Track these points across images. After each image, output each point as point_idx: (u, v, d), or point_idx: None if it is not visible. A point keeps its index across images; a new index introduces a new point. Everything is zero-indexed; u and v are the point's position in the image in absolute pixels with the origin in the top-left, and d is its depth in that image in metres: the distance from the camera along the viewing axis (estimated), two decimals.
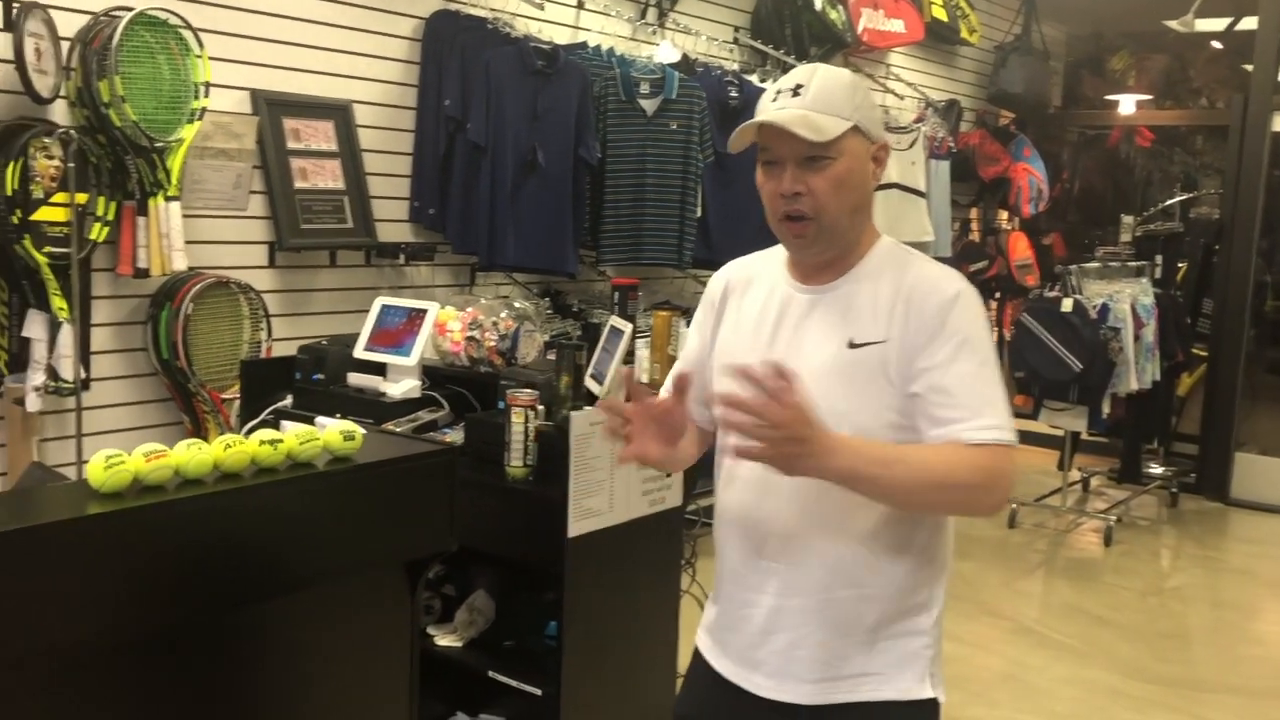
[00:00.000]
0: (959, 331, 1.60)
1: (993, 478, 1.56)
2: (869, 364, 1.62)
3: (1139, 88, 8.80)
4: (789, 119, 1.60)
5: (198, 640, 1.73)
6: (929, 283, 1.64)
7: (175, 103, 3.20)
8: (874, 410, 1.62)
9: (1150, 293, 6.19)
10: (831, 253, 1.68)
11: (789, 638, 1.68)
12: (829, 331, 1.66)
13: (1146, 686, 4.04)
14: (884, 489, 1.56)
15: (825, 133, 1.59)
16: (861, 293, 1.66)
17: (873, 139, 1.66)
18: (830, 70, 1.67)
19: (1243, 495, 6.71)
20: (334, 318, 3.86)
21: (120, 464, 1.66)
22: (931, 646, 1.71)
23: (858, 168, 1.64)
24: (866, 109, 1.65)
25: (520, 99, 4.02)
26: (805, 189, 1.61)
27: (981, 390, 1.59)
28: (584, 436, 2.54)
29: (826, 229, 1.64)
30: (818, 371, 1.62)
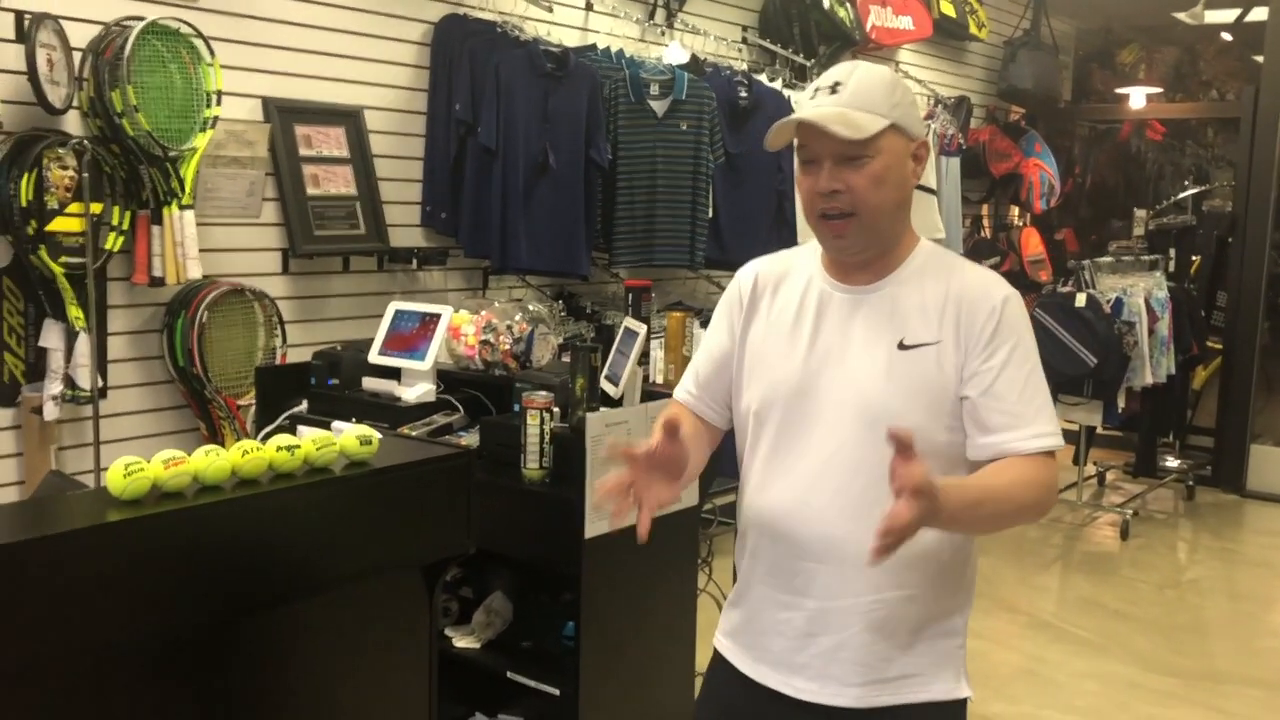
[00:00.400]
0: (1011, 336, 1.61)
1: (1049, 490, 1.60)
2: (921, 365, 1.61)
3: (1149, 81, 8.77)
4: (826, 116, 1.58)
5: (215, 646, 1.74)
6: (980, 287, 1.64)
7: (188, 111, 3.22)
8: (928, 412, 1.61)
9: (1164, 286, 6.17)
10: (871, 251, 1.66)
11: (834, 640, 1.66)
12: (877, 332, 1.64)
13: (1165, 679, 4.03)
14: (976, 527, 1.62)
15: (862, 130, 1.58)
16: (908, 294, 1.65)
17: (912, 137, 1.64)
18: (870, 68, 1.65)
19: (1259, 487, 6.68)
20: (347, 323, 3.87)
21: (139, 471, 1.67)
22: (964, 646, 1.72)
23: (896, 165, 1.62)
24: (905, 106, 1.63)
25: (531, 102, 4.03)
26: (843, 186, 1.60)
27: (1032, 396, 1.60)
28: (599, 438, 2.55)
29: (867, 226, 1.62)
30: (868, 372, 1.62)
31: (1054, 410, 1.64)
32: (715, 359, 1.82)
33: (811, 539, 1.66)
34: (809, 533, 1.66)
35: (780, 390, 1.69)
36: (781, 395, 1.69)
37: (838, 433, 1.63)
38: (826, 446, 1.64)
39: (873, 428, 1.58)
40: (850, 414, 1.62)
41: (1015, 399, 1.58)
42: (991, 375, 1.59)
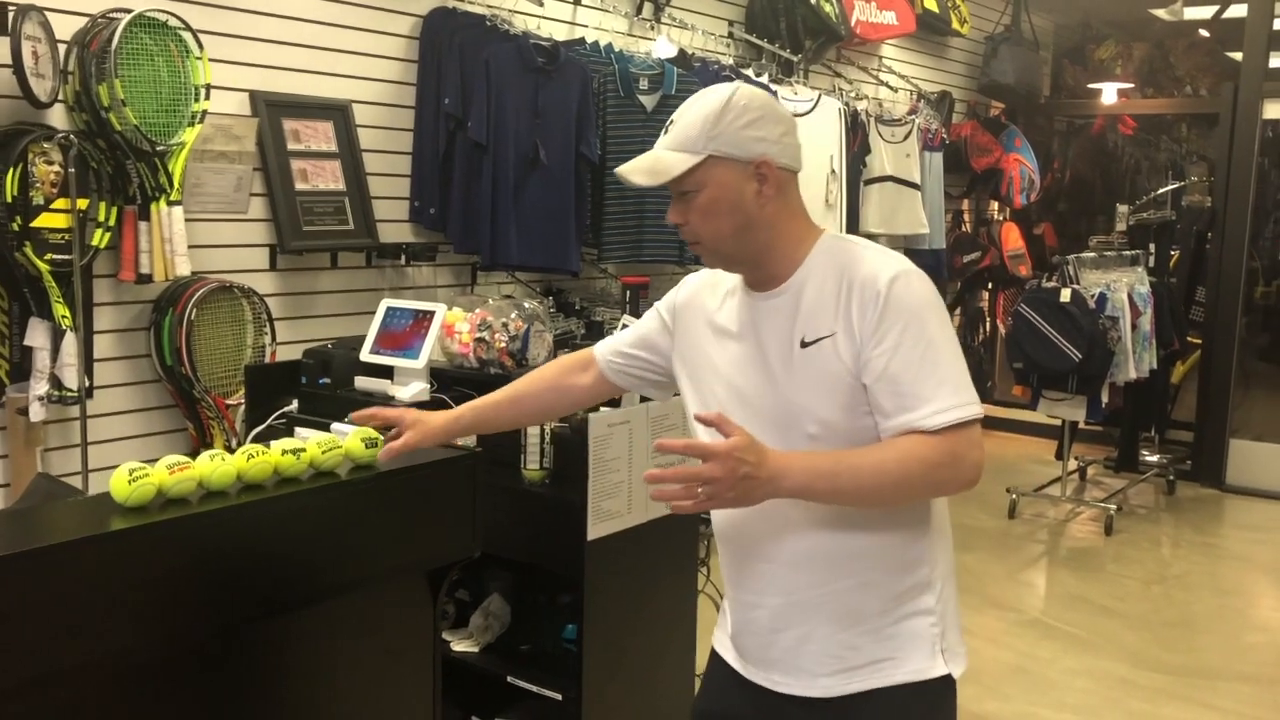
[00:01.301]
0: (901, 315, 1.60)
1: (953, 457, 1.57)
2: (821, 359, 1.65)
3: (1126, 76, 8.82)
4: (630, 168, 1.69)
5: (219, 654, 1.71)
6: (869, 270, 1.65)
7: (176, 106, 3.15)
8: (837, 404, 1.63)
9: (1146, 281, 6.20)
10: (741, 267, 1.74)
11: (797, 634, 1.71)
12: (783, 334, 1.69)
13: (1155, 676, 4.05)
14: (841, 497, 1.60)
15: (661, 175, 1.65)
16: (808, 292, 1.69)
17: (745, 161, 1.65)
18: (701, 101, 1.67)
19: (1238, 481, 6.74)
20: (336, 320, 3.82)
21: (145, 477, 1.63)
22: (939, 623, 1.72)
23: (725, 195, 1.66)
24: (733, 133, 1.64)
25: (521, 96, 3.99)
26: (683, 220, 1.69)
27: (931, 373, 1.59)
28: (602, 438, 2.52)
29: (711, 250, 1.71)
30: (778, 374, 1.68)
31: (963, 380, 1.61)
32: (644, 339, 1.95)
33: (757, 540, 1.73)
34: (753, 534, 1.73)
35: (712, 397, 1.77)
36: (711, 400, 1.77)
37: (763, 435, 1.63)
38: None
39: (790, 428, 1.66)
40: (769, 416, 1.68)
41: (911, 380, 1.59)
42: (884, 360, 1.60)
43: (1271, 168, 7.92)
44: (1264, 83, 6.66)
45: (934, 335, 1.61)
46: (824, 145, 5.39)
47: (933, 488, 1.63)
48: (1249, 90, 6.69)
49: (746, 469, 1.49)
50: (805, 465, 1.57)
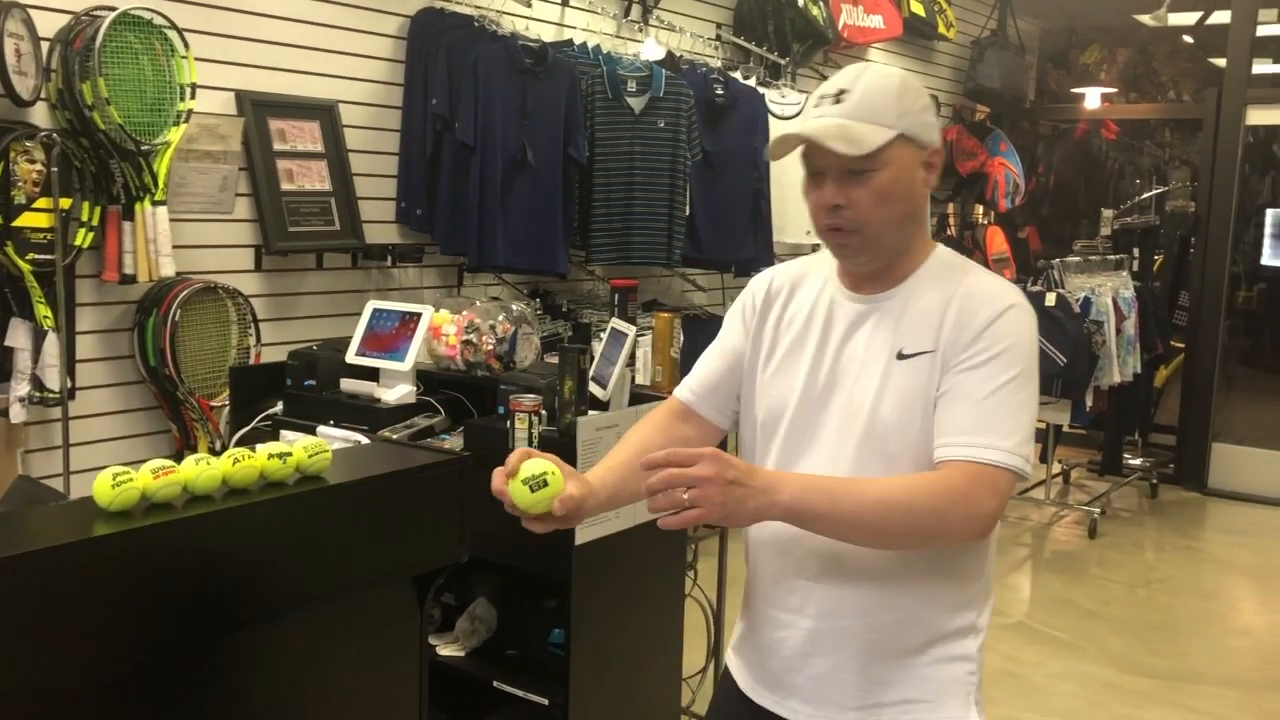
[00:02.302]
0: (997, 344, 1.50)
1: (964, 494, 1.45)
2: (917, 375, 1.54)
3: (1109, 81, 8.85)
4: (823, 131, 1.51)
5: (204, 662, 1.68)
6: (983, 293, 1.55)
7: (161, 105, 3.13)
8: (923, 423, 1.53)
9: (1130, 285, 6.23)
10: (879, 263, 1.60)
11: (829, 662, 1.61)
12: (880, 342, 1.58)
13: (1141, 680, 4.06)
14: (838, 521, 1.45)
15: (863, 145, 1.50)
16: (915, 302, 1.59)
17: (923, 145, 1.57)
18: (878, 73, 1.58)
19: (1220, 485, 6.78)
20: (321, 321, 3.79)
21: (128, 481, 1.60)
22: (976, 673, 1.64)
23: (904, 178, 1.55)
24: (916, 113, 1.55)
25: (509, 97, 3.97)
26: (846, 202, 1.53)
27: (995, 407, 1.48)
28: (591, 442, 2.50)
29: (871, 241, 1.56)
30: (867, 385, 1.57)
31: (1025, 434, 1.48)
32: (726, 359, 1.77)
33: (809, 556, 1.60)
34: (806, 550, 1.59)
35: (785, 403, 1.65)
36: (787, 408, 1.65)
37: (837, 448, 1.58)
38: (826, 462, 1.59)
39: (870, 444, 1.55)
40: (849, 429, 1.58)
41: (974, 406, 1.48)
42: (959, 375, 1.50)
43: (1253, 173, 7.96)
44: (1247, 89, 6.70)
45: (1025, 376, 1.51)
46: None
47: (937, 526, 1.47)
48: (1232, 96, 6.72)
49: (734, 474, 1.38)
50: (802, 481, 1.47)
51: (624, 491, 1.64)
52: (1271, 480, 6.66)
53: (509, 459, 1.52)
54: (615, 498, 1.63)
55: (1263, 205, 8.65)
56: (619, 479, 1.64)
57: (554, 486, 1.50)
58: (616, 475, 1.64)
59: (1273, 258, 8.70)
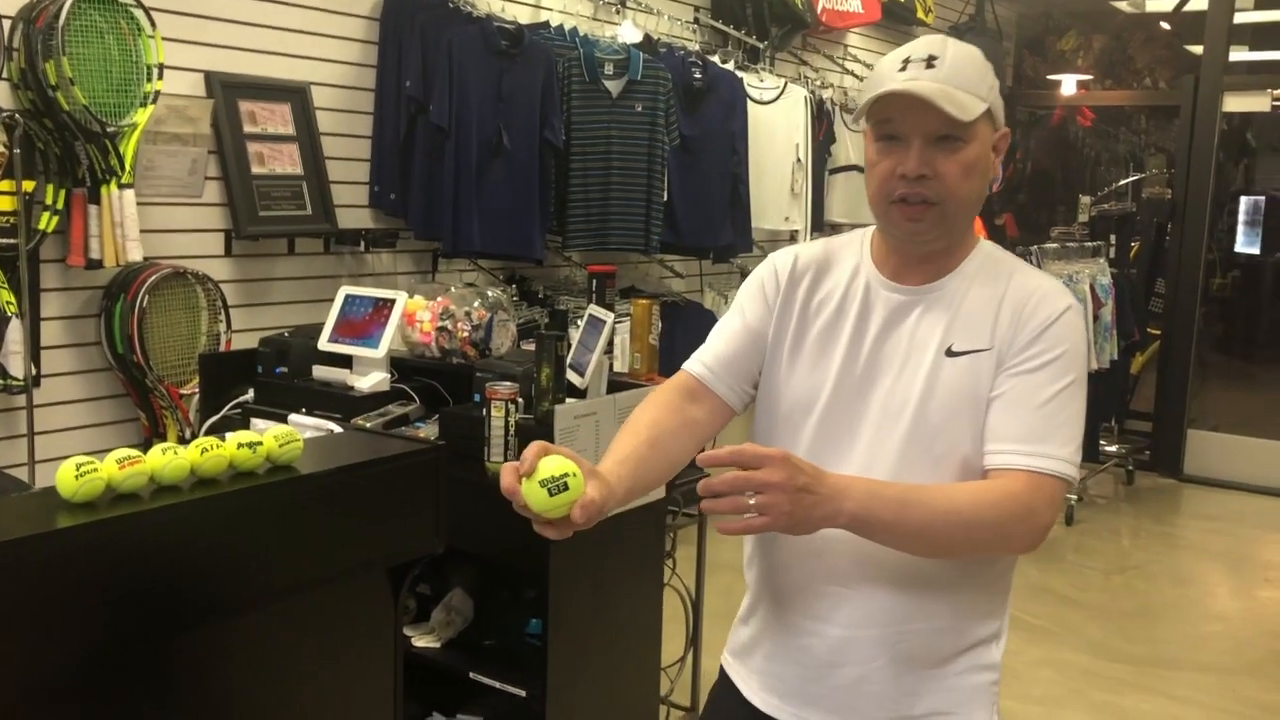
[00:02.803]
0: (1055, 348, 1.45)
1: (1029, 510, 1.40)
2: (970, 374, 1.47)
3: (1086, 68, 8.86)
4: (934, 91, 1.40)
5: (172, 655, 1.64)
6: (1040, 293, 1.49)
7: (127, 85, 3.05)
8: (974, 426, 1.46)
9: (1108, 272, 6.23)
10: (940, 244, 1.51)
11: (857, 672, 1.53)
12: (925, 337, 1.50)
13: (1118, 667, 4.06)
14: (902, 533, 1.38)
15: (968, 111, 1.42)
16: (963, 296, 1.50)
17: (997, 125, 1.50)
18: (961, 44, 1.49)
19: (1195, 472, 6.81)
20: (292, 308, 3.73)
21: (93, 472, 1.55)
22: (998, 681, 1.59)
23: (985, 154, 1.48)
24: (996, 91, 1.49)
25: (484, 80, 3.91)
26: (931, 172, 1.44)
27: (1053, 415, 1.43)
28: (568, 430, 2.46)
29: (949, 217, 1.47)
30: (911, 382, 1.49)
31: (1078, 441, 1.44)
32: (747, 337, 1.62)
33: (841, 560, 1.50)
34: (839, 554, 1.49)
35: (816, 395, 1.54)
36: (817, 401, 1.54)
37: (877, 447, 1.49)
38: (859, 462, 1.50)
39: (915, 442, 1.47)
40: (890, 425, 1.49)
41: (1032, 413, 1.43)
42: (1016, 379, 1.44)
43: (1226, 160, 8.00)
44: (1224, 75, 6.71)
45: (1078, 381, 1.46)
46: (790, 133, 5.35)
47: (999, 540, 1.43)
48: (1209, 83, 6.73)
49: (804, 479, 1.28)
50: (869, 488, 1.37)
51: (640, 484, 1.50)
52: (1245, 467, 6.69)
53: (525, 454, 1.34)
54: (632, 492, 1.47)
55: (1236, 192, 8.69)
56: (633, 471, 1.48)
57: (574, 489, 1.33)
58: (630, 468, 1.48)
59: (1246, 245, 8.76)
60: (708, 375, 1.62)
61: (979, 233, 1.63)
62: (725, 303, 5.03)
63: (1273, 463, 6.65)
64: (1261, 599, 4.94)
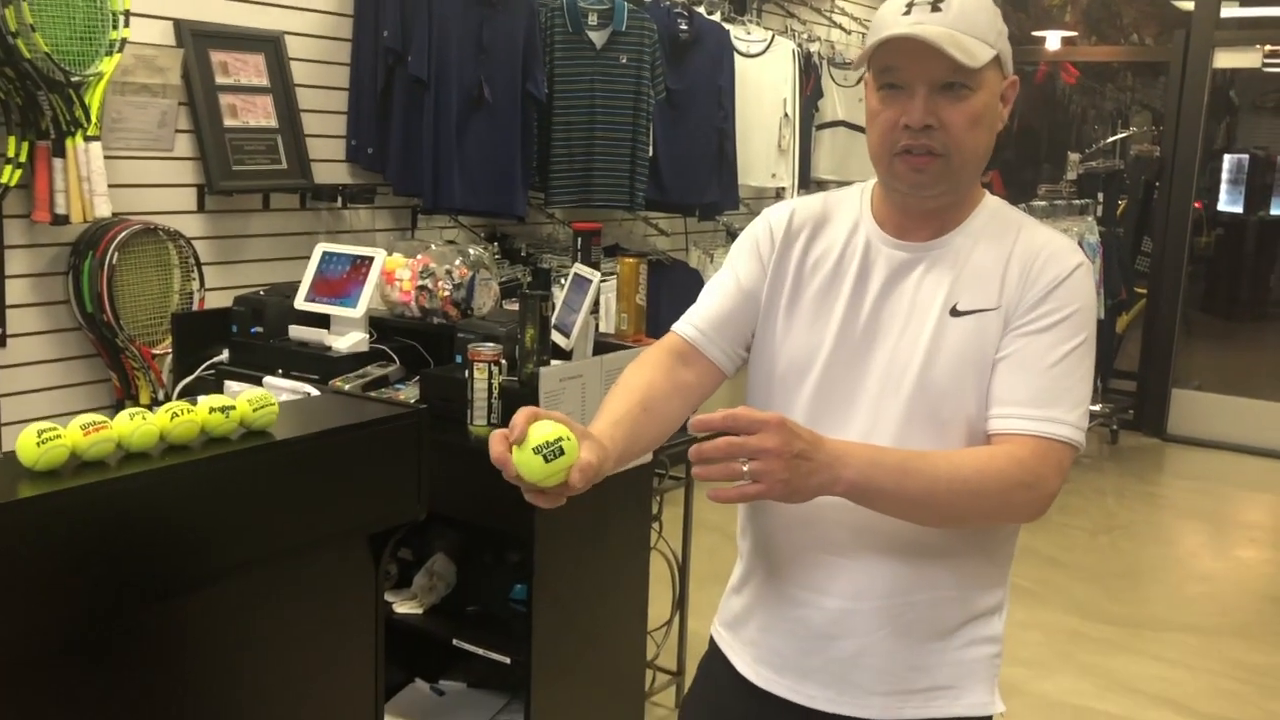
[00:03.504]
0: (1065, 307, 1.39)
1: (1037, 479, 1.35)
2: (976, 334, 1.41)
3: (1072, 24, 8.75)
4: (939, 35, 1.34)
5: (143, 628, 1.57)
6: (1050, 249, 1.42)
7: (92, 33, 2.93)
8: (979, 388, 1.40)
9: (1095, 231, 6.18)
10: (946, 199, 1.44)
11: (856, 644, 1.47)
12: (929, 296, 1.43)
13: (1104, 628, 4.05)
14: (903, 500, 1.33)
15: (976, 57, 1.36)
16: (969, 253, 1.44)
17: (1006, 74, 1.44)
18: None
19: (1179, 431, 6.81)
20: (268, 265, 3.64)
21: (56, 438, 1.47)
22: (1000, 654, 1.53)
23: (993, 104, 1.41)
24: (1005, 37, 1.43)
25: (465, 30, 3.80)
26: (937, 123, 1.37)
27: (1062, 377, 1.38)
28: (554, 393, 2.39)
29: (954, 170, 1.40)
30: (914, 342, 1.43)
31: (1086, 404, 1.39)
32: (741, 297, 1.55)
33: (837, 528, 1.44)
34: (835, 521, 1.44)
35: (814, 356, 1.48)
36: (815, 362, 1.48)
37: (877, 409, 1.43)
38: (861, 425, 1.43)
39: (919, 406, 1.41)
40: (892, 388, 1.43)
41: (1040, 374, 1.38)
42: (1024, 339, 1.39)
43: (1210, 118, 7.94)
44: (1215, 31, 6.63)
45: (1089, 344, 1.41)
46: (777, 88, 5.25)
47: (1004, 509, 1.38)
48: (1200, 39, 6.65)
49: (801, 445, 1.22)
50: (868, 455, 1.31)
51: (634, 447, 1.43)
52: (1228, 426, 6.69)
53: (514, 421, 1.26)
54: (625, 454, 1.40)
55: (1219, 150, 8.64)
56: (627, 434, 1.41)
57: (570, 454, 1.25)
58: (624, 430, 1.41)
59: (1230, 203, 8.72)
60: (698, 338, 1.55)
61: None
62: (711, 261, 4.95)
63: (1255, 422, 6.66)
64: (1245, 559, 4.94)
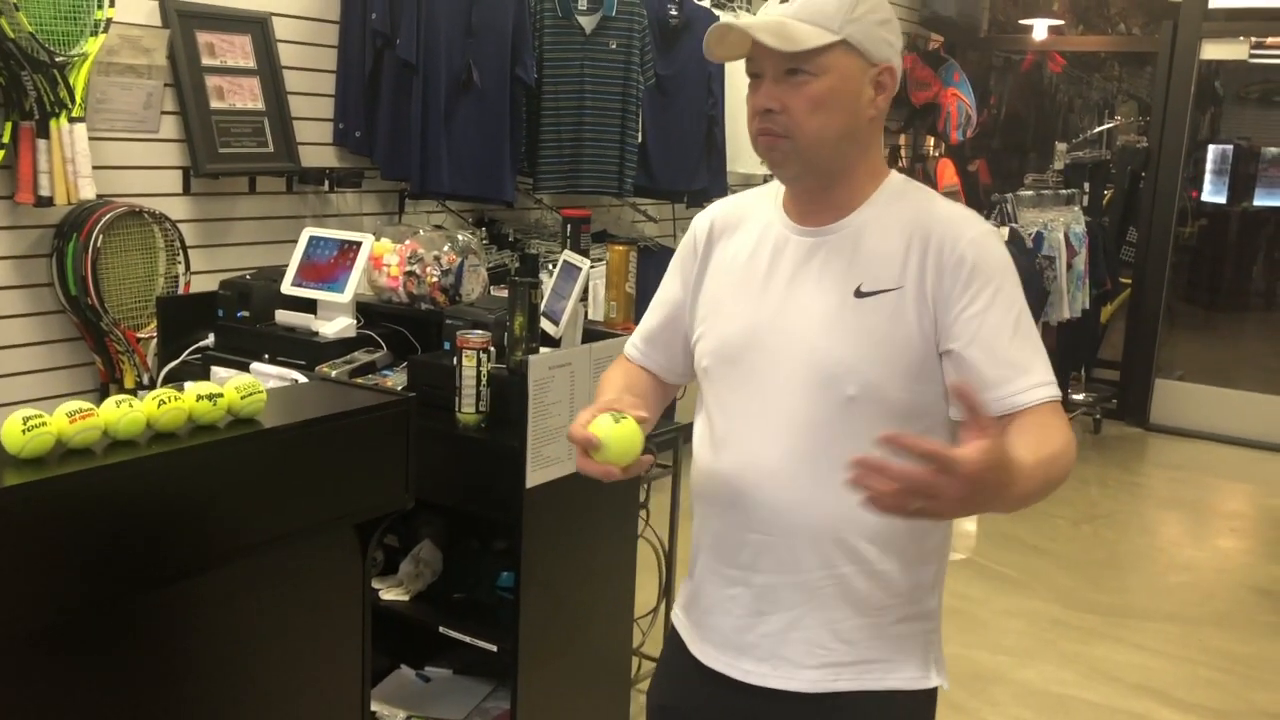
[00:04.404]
0: (992, 276, 1.42)
1: (1068, 435, 1.40)
2: (879, 314, 1.44)
3: (1061, 13, 8.75)
4: (756, 24, 1.41)
5: (130, 618, 1.56)
6: (950, 224, 1.46)
7: (76, 12, 2.89)
8: (887, 367, 1.44)
9: (1082, 220, 6.20)
10: (811, 180, 1.50)
11: (784, 619, 1.51)
12: (833, 279, 1.48)
13: (1086, 616, 4.07)
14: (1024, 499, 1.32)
15: (797, 43, 1.41)
16: (870, 234, 1.48)
17: (872, 60, 1.46)
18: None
19: (1162, 421, 6.84)
20: (254, 249, 3.61)
21: (41, 426, 1.46)
22: (936, 630, 1.56)
23: (845, 89, 1.44)
24: (869, 24, 1.44)
25: (454, 13, 3.77)
26: (779, 106, 1.44)
27: (1023, 343, 1.43)
28: (543, 381, 2.38)
29: (803, 151, 1.45)
30: (820, 324, 1.47)
31: (1046, 355, 1.46)
32: (666, 311, 1.70)
33: (759, 508, 1.50)
34: (756, 501, 1.50)
35: (729, 344, 1.55)
36: (730, 350, 1.55)
37: (788, 392, 1.47)
38: (777, 407, 1.49)
39: (825, 386, 1.46)
40: (801, 371, 1.47)
41: (1007, 345, 1.42)
42: (977, 323, 1.42)
43: (1194, 109, 7.96)
44: (1203, 22, 6.64)
45: (1021, 301, 1.46)
46: None
47: (1065, 473, 1.39)
48: (1188, 30, 6.66)
49: (985, 493, 1.19)
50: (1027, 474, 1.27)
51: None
52: (1211, 416, 6.73)
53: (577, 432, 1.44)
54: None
55: (1204, 141, 8.66)
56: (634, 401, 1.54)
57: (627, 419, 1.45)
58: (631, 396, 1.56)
59: (1214, 194, 8.75)
60: (637, 356, 1.74)
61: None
62: None
63: (1237, 413, 6.70)
64: (1226, 549, 4.97)
